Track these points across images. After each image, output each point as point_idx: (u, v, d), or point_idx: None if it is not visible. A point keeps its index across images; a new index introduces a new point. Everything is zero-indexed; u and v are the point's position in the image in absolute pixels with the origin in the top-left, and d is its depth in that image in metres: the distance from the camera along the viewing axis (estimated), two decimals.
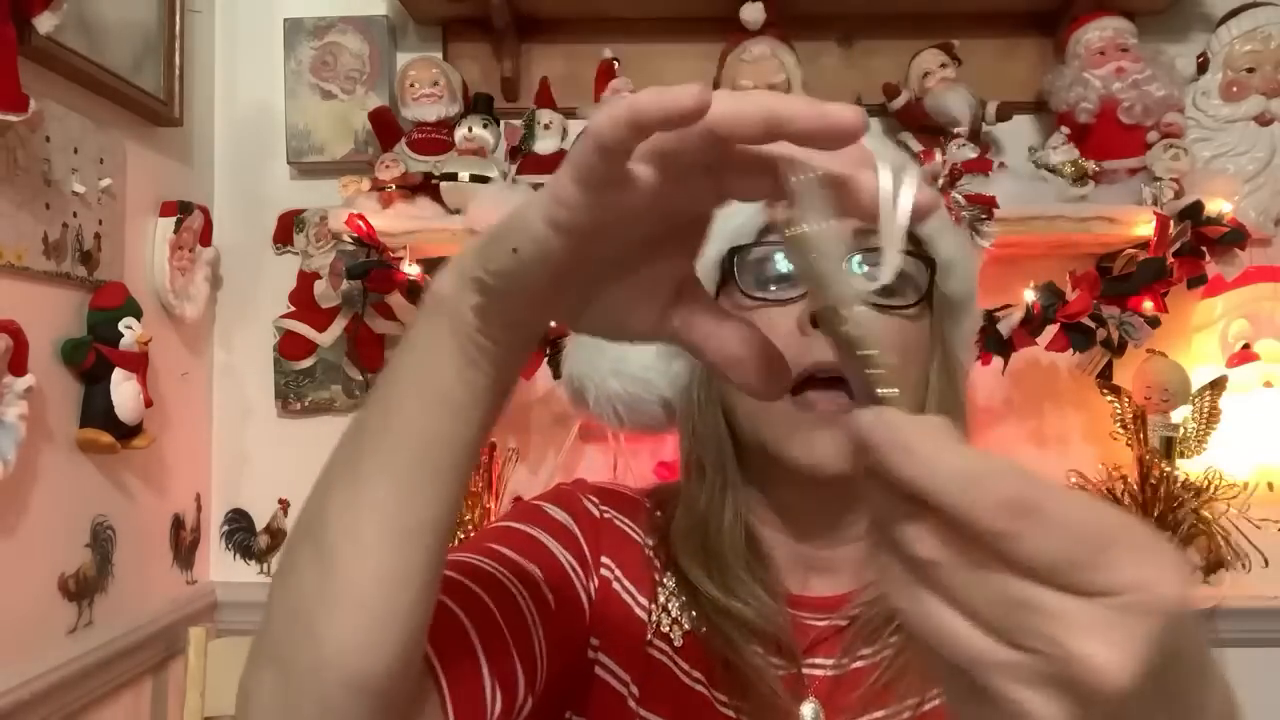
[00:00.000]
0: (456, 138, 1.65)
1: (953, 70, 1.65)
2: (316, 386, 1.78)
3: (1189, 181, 1.56)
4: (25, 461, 1.24)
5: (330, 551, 0.47)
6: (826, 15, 1.74)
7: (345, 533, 0.47)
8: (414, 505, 0.47)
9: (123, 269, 1.49)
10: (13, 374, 1.20)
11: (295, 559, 0.49)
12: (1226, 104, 1.65)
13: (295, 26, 1.77)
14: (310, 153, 1.76)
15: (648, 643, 0.69)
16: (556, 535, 0.69)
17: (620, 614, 0.69)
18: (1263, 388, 1.59)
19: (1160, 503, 1.58)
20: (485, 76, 1.76)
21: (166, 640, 1.59)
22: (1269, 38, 1.63)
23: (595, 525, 0.72)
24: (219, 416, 1.81)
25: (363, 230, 1.53)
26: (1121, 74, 1.59)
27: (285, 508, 1.78)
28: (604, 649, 0.68)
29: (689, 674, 0.68)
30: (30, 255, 1.28)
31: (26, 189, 1.27)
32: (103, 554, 1.46)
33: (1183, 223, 1.50)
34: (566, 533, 0.70)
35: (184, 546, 1.71)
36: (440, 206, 1.62)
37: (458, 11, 1.71)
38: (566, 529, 0.70)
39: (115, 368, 1.39)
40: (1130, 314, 1.51)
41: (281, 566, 0.50)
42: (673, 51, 1.76)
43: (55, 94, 1.34)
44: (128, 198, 1.50)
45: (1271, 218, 1.65)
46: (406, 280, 1.53)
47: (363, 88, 1.76)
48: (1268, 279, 1.64)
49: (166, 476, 1.64)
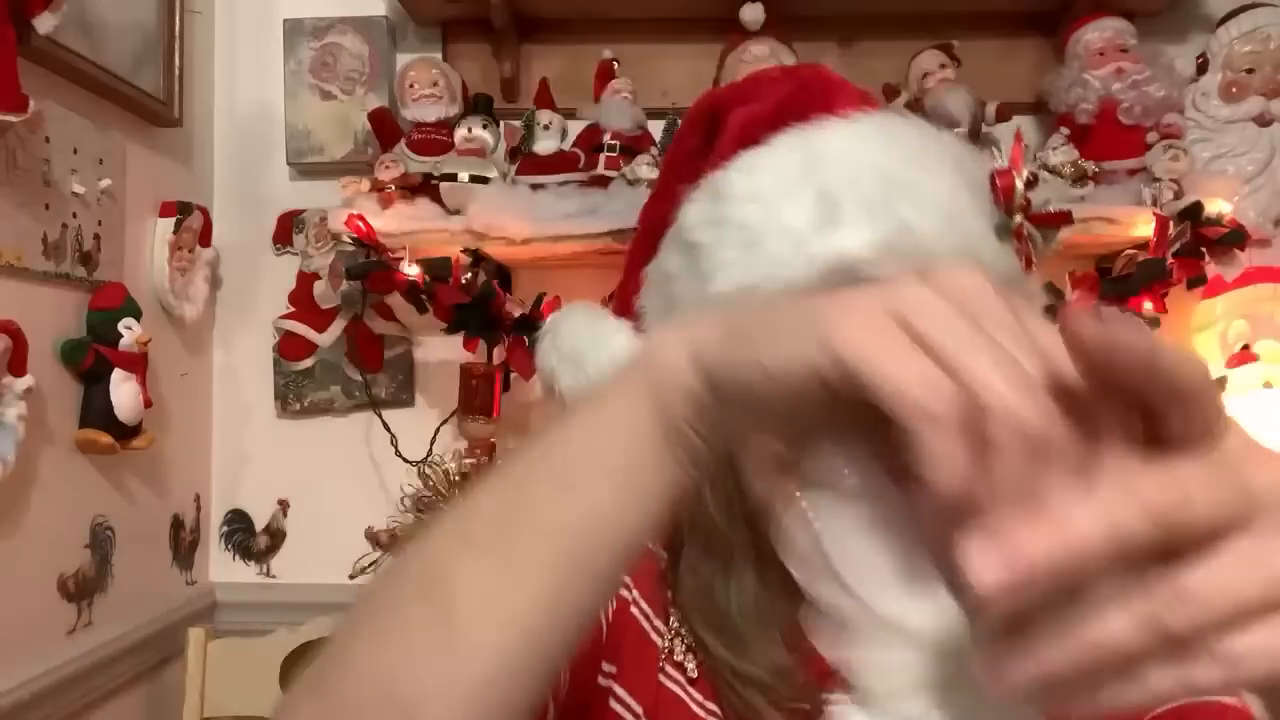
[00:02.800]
0: (456, 138, 1.65)
1: (952, 71, 1.65)
2: (316, 387, 1.78)
3: (1189, 182, 1.56)
4: (24, 462, 1.23)
5: (456, 628, 0.39)
6: (826, 16, 1.73)
7: (481, 614, 0.39)
8: (572, 600, 0.40)
9: (122, 269, 1.49)
10: (12, 374, 1.20)
11: (403, 616, 0.41)
12: (1226, 105, 1.64)
13: (295, 27, 1.77)
14: (310, 153, 1.76)
15: (660, 669, 0.66)
16: None
17: (635, 638, 0.66)
18: (1262, 388, 1.59)
19: None
20: (485, 77, 1.76)
21: (166, 641, 1.59)
22: (1269, 38, 1.63)
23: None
24: (218, 417, 1.81)
25: (362, 231, 1.53)
26: (1121, 75, 1.59)
27: (285, 508, 1.78)
28: (617, 676, 0.65)
29: (703, 705, 0.64)
30: (30, 256, 1.28)
31: (26, 189, 1.27)
32: (102, 554, 1.46)
33: (1182, 223, 1.50)
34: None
35: (183, 547, 1.71)
36: (440, 207, 1.62)
37: (457, 12, 1.71)
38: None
39: (115, 368, 1.39)
40: (1130, 314, 1.51)
41: (375, 608, 0.42)
42: (672, 52, 1.76)
43: (55, 94, 1.34)
44: (127, 198, 1.50)
45: (1271, 218, 1.64)
46: (406, 281, 1.53)
47: (362, 88, 1.76)
48: (1267, 280, 1.64)
49: (166, 477, 1.64)
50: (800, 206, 0.58)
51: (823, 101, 0.64)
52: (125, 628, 1.50)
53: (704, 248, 0.62)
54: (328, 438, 1.78)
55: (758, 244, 0.59)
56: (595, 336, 0.71)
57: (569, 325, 0.74)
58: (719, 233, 0.61)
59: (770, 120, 0.64)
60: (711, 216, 0.62)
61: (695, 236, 0.63)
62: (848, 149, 0.60)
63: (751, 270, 0.58)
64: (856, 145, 0.60)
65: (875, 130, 0.61)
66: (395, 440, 1.70)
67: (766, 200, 0.59)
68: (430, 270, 1.53)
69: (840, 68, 1.74)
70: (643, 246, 0.72)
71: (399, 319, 1.76)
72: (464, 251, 1.57)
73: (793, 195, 0.58)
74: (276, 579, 1.79)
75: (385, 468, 1.73)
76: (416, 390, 1.79)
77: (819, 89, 0.66)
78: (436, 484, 1.62)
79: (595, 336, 0.71)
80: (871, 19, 1.74)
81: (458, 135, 1.65)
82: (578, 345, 0.72)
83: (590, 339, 0.71)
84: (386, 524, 1.69)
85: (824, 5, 1.71)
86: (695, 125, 0.70)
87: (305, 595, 1.71)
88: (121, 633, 1.49)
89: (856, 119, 0.62)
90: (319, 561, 1.73)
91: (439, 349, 1.77)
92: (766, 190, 0.60)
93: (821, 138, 0.61)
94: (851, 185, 0.58)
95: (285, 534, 1.79)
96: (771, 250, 0.58)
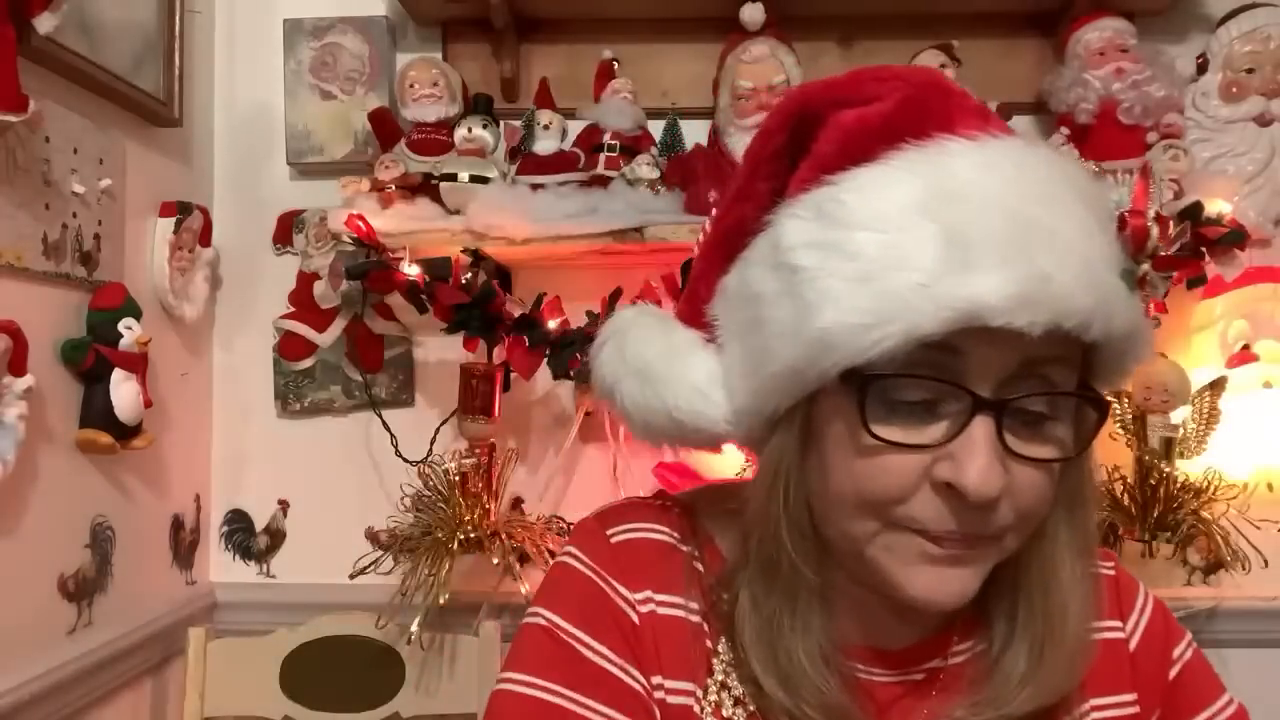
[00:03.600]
0: (456, 138, 1.65)
1: (953, 71, 1.64)
2: (316, 387, 1.78)
3: (1189, 182, 1.56)
4: (25, 462, 1.23)
5: None
6: (826, 16, 1.73)
7: None
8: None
9: (122, 269, 1.49)
10: (12, 374, 1.20)
11: None
12: (1226, 105, 1.64)
13: (295, 27, 1.77)
14: (310, 153, 1.76)
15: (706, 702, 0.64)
16: (615, 702, 0.62)
17: (680, 640, 0.65)
18: (1262, 388, 1.59)
19: (1160, 503, 1.58)
20: (485, 77, 1.76)
21: (166, 641, 1.59)
22: (1269, 38, 1.63)
23: (638, 637, 0.65)
24: (218, 417, 1.81)
25: (362, 231, 1.53)
26: (1121, 75, 1.59)
27: (285, 508, 1.78)
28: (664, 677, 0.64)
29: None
30: (30, 256, 1.28)
31: (26, 189, 1.27)
32: (102, 554, 1.46)
33: (1182, 223, 1.50)
34: (622, 690, 0.63)
35: (183, 547, 1.71)
36: (440, 207, 1.62)
37: (457, 12, 1.71)
38: (621, 685, 0.63)
39: (115, 368, 1.39)
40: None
41: None
42: (672, 52, 1.76)
43: (55, 94, 1.34)
44: (127, 198, 1.50)
45: (1271, 218, 1.64)
46: (406, 281, 1.53)
47: (362, 88, 1.76)
48: (1267, 279, 1.64)
49: (166, 477, 1.64)
50: (925, 242, 0.52)
51: (941, 115, 0.58)
52: (125, 628, 1.50)
53: (806, 272, 0.55)
54: (328, 438, 1.78)
55: (874, 279, 0.53)
56: (669, 350, 0.66)
57: (639, 334, 0.68)
58: (826, 259, 0.55)
59: (881, 131, 0.57)
60: (818, 239, 0.56)
61: (796, 259, 0.56)
62: (977, 180, 0.54)
63: (865, 308, 0.53)
64: (985, 176, 0.55)
65: (1004, 158, 0.56)
66: (395, 440, 1.70)
67: (886, 230, 0.53)
68: (430, 270, 1.53)
69: (840, 67, 1.74)
70: (718, 252, 0.66)
71: (399, 319, 1.76)
72: (464, 251, 1.57)
73: (917, 228, 0.53)
74: (276, 579, 1.79)
75: (385, 468, 1.73)
76: (416, 390, 1.79)
77: (938, 99, 0.60)
78: (436, 484, 1.62)
79: (669, 350, 0.66)
80: (871, 19, 1.74)
81: (458, 135, 1.65)
82: (648, 358, 0.66)
83: (663, 353, 0.66)
84: (386, 524, 1.69)
85: (824, 5, 1.71)
86: (785, 122, 0.63)
87: (305, 595, 1.71)
88: (121, 633, 1.49)
89: (983, 142, 0.56)
90: (319, 561, 1.73)
91: (439, 349, 1.77)
92: (886, 219, 0.54)
93: (946, 162, 0.55)
94: (982, 223, 0.52)
95: (285, 534, 1.79)
96: (890, 288, 0.52)
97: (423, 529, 1.59)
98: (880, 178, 0.56)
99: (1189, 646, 0.72)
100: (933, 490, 0.56)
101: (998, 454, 0.55)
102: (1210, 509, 1.58)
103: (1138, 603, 0.72)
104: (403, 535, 1.61)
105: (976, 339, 0.53)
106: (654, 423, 0.66)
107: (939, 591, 0.58)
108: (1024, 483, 0.56)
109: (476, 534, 1.56)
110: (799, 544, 0.61)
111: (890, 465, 0.56)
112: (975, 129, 0.57)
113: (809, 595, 0.61)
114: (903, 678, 0.66)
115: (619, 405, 0.67)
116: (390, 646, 1.58)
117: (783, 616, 0.61)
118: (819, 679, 0.60)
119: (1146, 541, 1.58)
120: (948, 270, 0.52)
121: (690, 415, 0.64)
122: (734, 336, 0.63)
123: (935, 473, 0.55)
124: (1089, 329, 0.53)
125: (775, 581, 0.62)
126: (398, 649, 1.58)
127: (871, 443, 0.56)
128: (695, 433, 0.65)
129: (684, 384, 0.64)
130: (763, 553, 0.62)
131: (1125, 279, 0.57)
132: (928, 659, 0.67)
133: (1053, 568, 0.62)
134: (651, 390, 0.65)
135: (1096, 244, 0.55)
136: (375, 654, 1.58)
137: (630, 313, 0.71)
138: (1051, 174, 0.57)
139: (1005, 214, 0.53)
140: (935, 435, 0.56)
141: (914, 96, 0.59)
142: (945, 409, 0.56)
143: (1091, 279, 0.53)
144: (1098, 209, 0.58)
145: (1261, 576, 1.61)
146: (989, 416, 0.55)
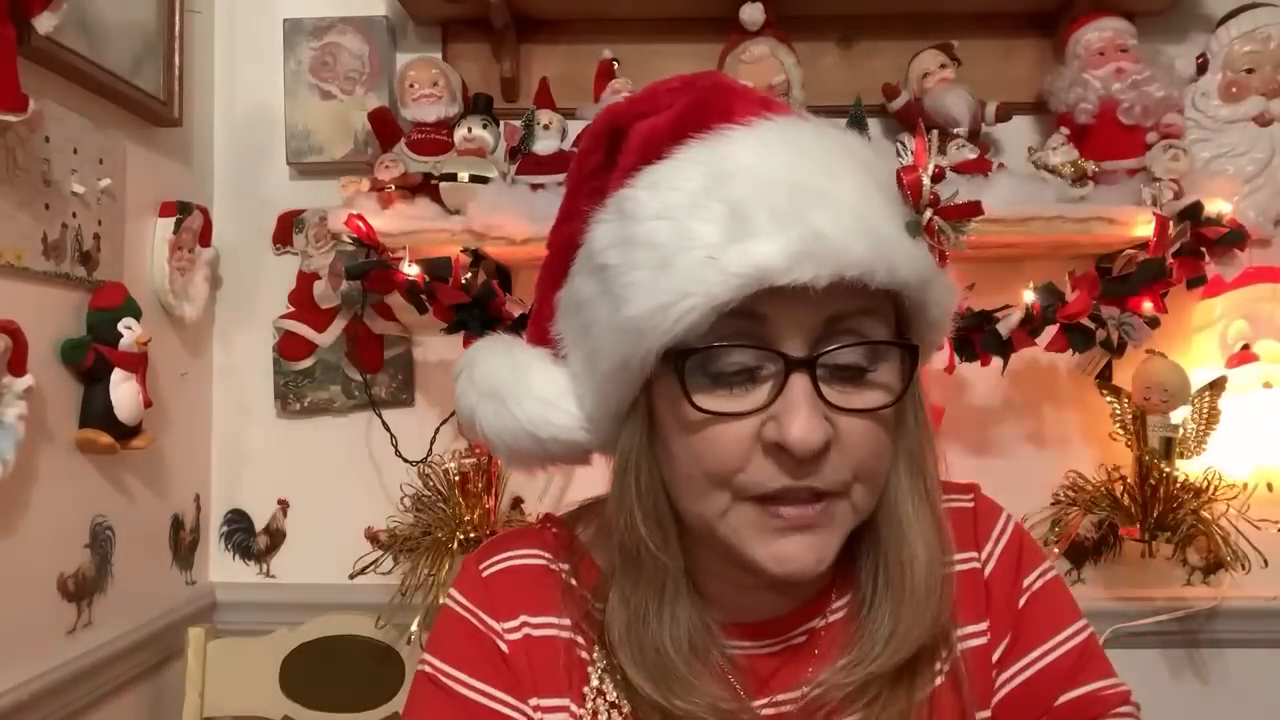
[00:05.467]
0: (456, 138, 1.65)
1: (952, 71, 1.65)
2: (316, 387, 1.78)
3: (1188, 182, 1.56)
4: (24, 462, 1.23)
5: None
6: (826, 16, 1.73)
7: None
8: None
9: (122, 269, 1.49)
10: (12, 374, 1.20)
11: None
12: (1226, 105, 1.65)
13: (295, 27, 1.77)
14: (310, 153, 1.76)
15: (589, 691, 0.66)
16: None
17: (563, 663, 0.68)
18: (1262, 388, 1.59)
19: (1160, 503, 1.58)
20: (485, 77, 1.76)
21: (166, 641, 1.59)
22: (1269, 38, 1.63)
23: (509, 665, 0.68)
24: (218, 417, 1.81)
25: (362, 231, 1.53)
26: (1121, 75, 1.59)
27: (284, 508, 1.78)
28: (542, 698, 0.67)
29: None
30: (30, 255, 1.28)
31: (26, 189, 1.27)
32: (102, 554, 1.46)
33: (1182, 223, 1.50)
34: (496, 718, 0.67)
35: (183, 547, 1.71)
36: (440, 207, 1.62)
37: (457, 12, 1.71)
38: (503, 718, 0.67)
39: (114, 368, 1.39)
40: (1130, 314, 1.51)
41: None
42: (672, 52, 1.76)
43: (55, 94, 1.34)
44: (127, 198, 1.50)
45: (1271, 218, 1.64)
46: (406, 280, 1.53)
47: (362, 88, 1.76)
48: (1267, 279, 1.64)
49: (166, 477, 1.64)
50: (710, 221, 0.57)
51: (722, 110, 0.63)
52: (125, 628, 1.50)
53: (614, 269, 0.60)
54: (328, 438, 1.78)
55: (669, 263, 0.57)
56: (514, 369, 0.69)
57: (486, 360, 0.71)
58: (629, 253, 0.59)
59: (670, 133, 0.62)
60: (620, 237, 0.60)
61: (605, 259, 0.61)
62: (753, 159, 0.59)
63: (665, 288, 0.57)
64: (761, 154, 0.59)
65: (779, 137, 0.61)
66: (395, 440, 1.70)
67: (675, 217, 0.58)
68: (430, 270, 1.53)
69: (840, 67, 1.76)
70: (553, 271, 0.70)
71: (399, 319, 1.76)
72: (464, 251, 1.57)
73: (703, 209, 0.57)
74: (276, 579, 1.79)
75: (385, 468, 1.73)
76: (416, 390, 1.79)
77: (718, 97, 0.64)
78: (436, 484, 1.62)
79: (514, 369, 0.69)
80: (871, 19, 1.74)
81: (457, 135, 1.65)
82: (497, 381, 0.69)
83: (509, 372, 0.69)
84: (386, 524, 1.69)
85: (824, 5, 1.71)
86: (598, 142, 0.68)
87: (305, 595, 1.71)
88: (121, 633, 1.49)
89: (759, 126, 0.61)
90: (319, 561, 1.73)
91: (439, 349, 1.77)
92: (674, 206, 0.58)
93: (725, 149, 0.60)
94: (760, 195, 0.57)
95: (285, 534, 1.79)
96: (684, 267, 0.56)
97: (422, 529, 1.59)
98: (668, 171, 0.60)
99: (1041, 576, 0.73)
100: (764, 454, 0.59)
101: (818, 408, 0.58)
102: (1210, 509, 1.58)
103: (994, 532, 0.74)
104: (402, 535, 1.61)
105: (775, 301, 0.57)
106: (516, 445, 0.69)
107: (794, 561, 0.60)
108: (852, 434, 0.59)
109: (476, 534, 1.56)
110: (654, 532, 0.63)
111: (720, 435, 0.59)
112: (754, 116, 0.62)
113: (674, 583, 0.64)
114: (783, 645, 0.68)
115: (480, 432, 0.70)
116: (390, 646, 1.58)
117: (649, 609, 0.64)
118: (687, 671, 0.62)
119: (1146, 541, 1.59)
120: (732, 241, 0.56)
121: (544, 428, 0.67)
122: (573, 346, 0.67)
123: (764, 434, 0.58)
124: (874, 276, 0.57)
125: (640, 574, 0.64)
126: (397, 649, 1.58)
127: (698, 416, 0.59)
128: (555, 444, 0.68)
129: (532, 398, 0.68)
130: (624, 547, 0.65)
131: (910, 229, 0.61)
132: (807, 620, 0.69)
133: (899, 520, 0.65)
134: (506, 410, 0.68)
135: (874, 202, 0.59)
136: (375, 654, 1.58)
137: (481, 342, 0.75)
138: (827, 145, 0.61)
139: (781, 185, 0.57)
140: (758, 400, 0.59)
141: (697, 98, 0.64)
142: (764, 374, 0.59)
143: (867, 232, 0.57)
144: (877, 172, 0.62)
145: (1261, 576, 1.60)
146: (804, 374, 0.58)
